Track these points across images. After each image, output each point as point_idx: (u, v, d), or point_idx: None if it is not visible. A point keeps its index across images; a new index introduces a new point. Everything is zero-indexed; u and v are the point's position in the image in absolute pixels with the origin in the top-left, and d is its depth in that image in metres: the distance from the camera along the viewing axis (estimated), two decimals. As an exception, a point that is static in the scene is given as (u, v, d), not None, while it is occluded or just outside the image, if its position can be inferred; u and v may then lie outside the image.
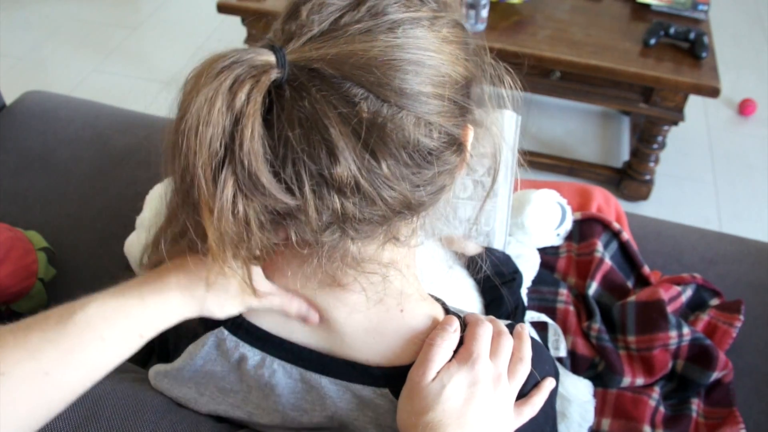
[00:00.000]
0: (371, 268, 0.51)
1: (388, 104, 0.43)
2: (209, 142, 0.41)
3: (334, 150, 0.42)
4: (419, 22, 0.45)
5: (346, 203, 0.44)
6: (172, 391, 0.62)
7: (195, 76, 0.43)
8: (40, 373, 0.46)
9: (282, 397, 0.57)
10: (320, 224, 0.45)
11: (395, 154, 0.44)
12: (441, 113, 0.46)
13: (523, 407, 0.56)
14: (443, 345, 0.53)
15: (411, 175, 0.46)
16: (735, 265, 1.08)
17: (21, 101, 1.36)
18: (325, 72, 0.42)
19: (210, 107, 0.41)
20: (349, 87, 0.42)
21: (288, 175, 0.43)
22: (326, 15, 0.44)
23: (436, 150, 0.46)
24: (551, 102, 2.27)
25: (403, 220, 0.50)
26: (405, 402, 0.52)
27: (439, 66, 0.45)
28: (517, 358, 0.56)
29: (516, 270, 0.88)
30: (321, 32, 0.44)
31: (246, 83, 0.41)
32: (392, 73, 0.43)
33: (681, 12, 1.74)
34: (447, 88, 0.46)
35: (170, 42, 2.55)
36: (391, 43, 0.43)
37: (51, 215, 1.15)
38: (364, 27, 0.44)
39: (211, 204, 0.42)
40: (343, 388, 0.55)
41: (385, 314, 0.55)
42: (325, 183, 0.43)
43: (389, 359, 0.55)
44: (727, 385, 0.92)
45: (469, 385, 0.52)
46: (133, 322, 0.50)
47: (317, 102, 0.42)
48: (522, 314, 0.87)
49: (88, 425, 0.57)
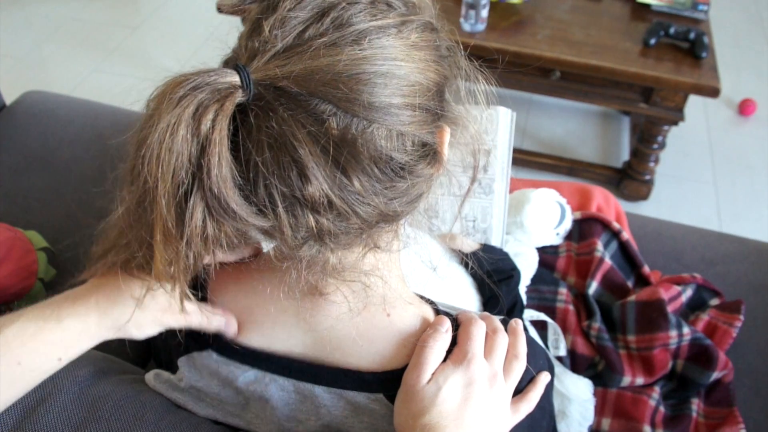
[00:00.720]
0: (352, 276, 0.51)
1: (357, 119, 0.42)
2: (173, 170, 0.40)
3: (304, 170, 0.41)
4: (386, 31, 0.44)
5: (321, 220, 0.43)
6: (170, 394, 0.62)
7: (155, 100, 0.41)
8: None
9: (277, 410, 0.57)
10: (297, 241, 0.45)
11: (367, 169, 0.43)
12: (413, 123, 0.45)
13: (520, 404, 0.56)
14: (436, 346, 0.52)
15: (384, 190, 0.45)
16: (735, 265, 1.08)
17: (21, 101, 1.36)
18: (290, 90, 0.41)
19: (173, 135, 0.39)
20: (316, 104, 0.41)
21: (260, 198, 0.42)
22: (289, 29, 0.43)
23: (409, 163, 0.46)
24: (551, 102, 2.27)
25: (381, 230, 0.49)
26: (401, 405, 0.52)
27: (409, 75, 0.44)
28: (512, 355, 0.56)
29: (514, 267, 0.88)
30: (285, 48, 0.42)
31: (210, 108, 0.40)
32: (360, 87, 0.42)
33: (681, 12, 1.74)
34: (418, 97, 0.45)
35: (170, 42, 2.55)
36: (357, 56, 0.42)
37: (51, 215, 1.15)
38: (329, 40, 0.42)
39: (174, 230, 0.41)
40: (337, 396, 0.55)
41: (371, 320, 0.54)
42: (298, 203, 0.42)
43: (381, 364, 0.54)
44: (727, 385, 0.92)
45: (465, 385, 0.52)
46: (51, 348, 0.50)
47: (285, 122, 0.41)
48: (520, 311, 0.87)
49: (88, 426, 0.57)
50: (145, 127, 0.41)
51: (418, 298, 0.58)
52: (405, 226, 0.52)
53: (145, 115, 0.42)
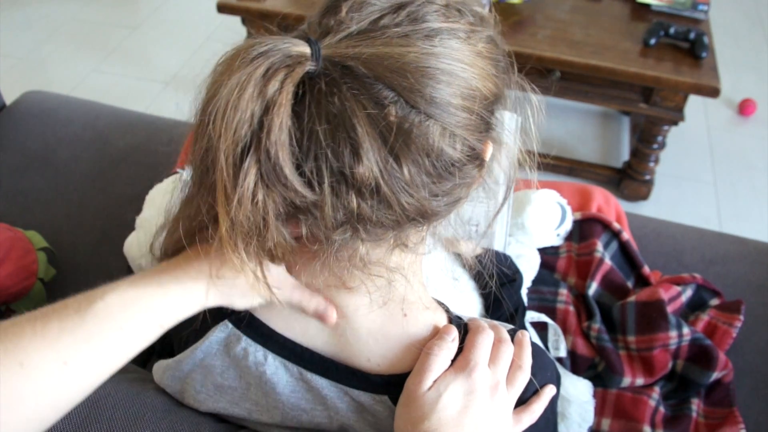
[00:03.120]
0: (377, 271, 0.51)
1: (417, 111, 0.43)
2: (236, 126, 0.41)
3: (358, 149, 0.42)
4: (456, 34, 0.46)
5: (362, 204, 0.44)
6: (173, 386, 0.62)
7: (228, 59, 0.43)
8: (59, 363, 0.46)
9: (282, 396, 0.57)
10: (334, 222, 0.45)
11: (418, 160, 0.44)
12: (467, 126, 0.46)
13: (522, 414, 0.56)
14: (440, 354, 0.53)
15: (431, 184, 0.46)
16: (735, 265, 1.08)
17: (21, 101, 1.36)
18: (358, 71, 0.42)
19: (241, 92, 0.40)
20: (380, 89, 0.42)
21: (309, 169, 0.43)
22: (366, 14, 0.44)
23: (459, 162, 0.47)
24: (551, 102, 2.27)
25: (414, 227, 0.49)
26: (402, 410, 0.52)
27: (471, 79, 0.45)
28: (517, 366, 0.56)
29: (516, 270, 0.88)
30: (359, 31, 0.44)
31: (280, 72, 0.41)
32: (425, 80, 0.43)
33: (681, 12, 1.74)
34: (476, 102, 0.46)
35: (170, 42, 2.55)
36: (427, 51, 0.43)
37: (51, 215, 1.15)
38: (402, 31, 0.44)
39: (230, 190, 0.42)
40: (342, 392, 0.55)
41: (389, 318, 0.54)
42: (345, 181, 0.43)
43: (389, 365, 0.54)
44: (727, 385, 0.92)
45: (466, 393, 0.52)
46: (154, 312, 0.50)
47: (347, 100, 0.42)
48: (522, 315, 0.87)
49: (89, 426, 0.57)
50: (215, 84, 0.42)
51: (435, 304, 0.58)
52: (435, 230, 0.53)
53: (214, 75, 0.43)
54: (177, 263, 0.53)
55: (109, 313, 0.48)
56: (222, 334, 0.58)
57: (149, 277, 0.51)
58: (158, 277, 0.51)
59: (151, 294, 0.50)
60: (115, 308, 0.48)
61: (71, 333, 0.47)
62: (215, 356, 0.59)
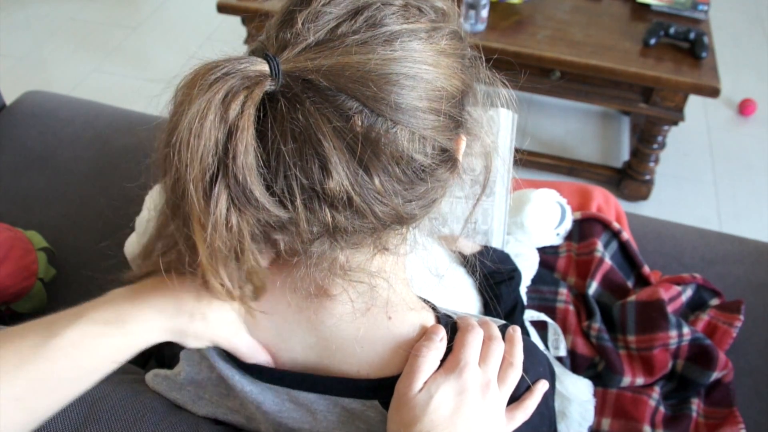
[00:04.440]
0: (359, 277, 0.51)
1: (383, 119, 0.42)
2: (201, 155, 0.40)
3: (327, 164, 0.41)
4: (417, 35, 0.44)
5: (337, 216, 0.44)
6: (170, 393, 0.62)
7: (186, 86, 0.42)
8: (12, 400, 0.46)
9: (270, 414, 0.56)
10: (310, 236, 0.45)
11: (388, 169, 0.43)
12: (436, 127, 0.45)
13: (515, 412, 0.56)
14: (429, 355, 0.52)
15: (403, 191, 0.45)
16: (735, 265, 1.08)
17: (21, 101, 1.36)
18: (319, 84, 0.41)
19: (202, 120, 0.40)
20: (343, 100, 0.41)
21: (279, 188, 0.42)
22: (322, 24, 0.43)
23: (429, 167, 0.46)
24: (551, 102, 2.27)
25: (393, 231, 0.49)
26: (394, 414, 0.52)
27: (436, 80, 0.45)
28: (508, 363, 0.56)
29: (514, 268, 0.88)
30: (317, 42, 0.43)
31: (239, 95, 0.40)
32: (388, 87, 0.42)
33: (681, 12, 1.74)
34: (443, 103, 0.45)
35: (170, 42, 2.55)
36: (388, 57, 0.42)
37: (51, 215, 1.15)
38: (361, 38, 0.43)
39: (203, 218, 0.41)
40: (332, 403, 0.55)
41: (373, 323, 0.54)
42: (317, 196, 0.43)
43: (377, 369, 0.54)
44: (727, 385, 0.92)
45: (457, 393, 0.51)
46: (112, 352, 0.50)
47: (311, 115, 0.41)
48: (521, 312, 0.87)
49: (89, 426, 0.57)
50: (176, 114, 0.41)
51: (421, 303, 0.58)
52: (413, 231, 0.52)
53: (175, 103, 0.42)
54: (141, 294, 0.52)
55: (66, 353, 0.48)
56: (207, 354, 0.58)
57: (111, 310, 0.50)
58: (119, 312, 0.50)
59: (111, 333, 0.50)
60: (72, 347, 0.48)
61: (26, 371, 0.46)
62: (208, 372, 0.59)
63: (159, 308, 0.51)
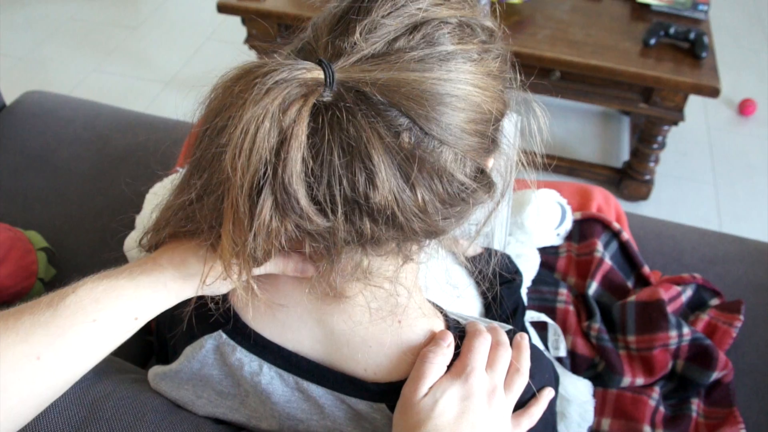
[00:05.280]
0: (378, 281, 0.51)
1: (431, 137, 0.42)
2: (254, 161, 0.40)
3: (374, 178, 0.41)
4: (470, 56, 0.45)
5: (375, 228, 0.44)
6: (170, 393, 0.62)
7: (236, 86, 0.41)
8: (31, 357, 0.45)
9: (278, 405, 0.56)
10: (344, 244, 0.45)
11: (431, 187, 0.44)
12: (477, 149, 0.46)
13: (521, 418, 0.56)
14: (435, 360, 0.52)
15: (443, 209, 0.45)
16: (735, 265, 1.08)
17: (21, 101, 1.36)
18: (373, 97, 0.41)
19: (258, 126, 0.39)
20: (395, 116, 0.41)
21: (323, 196, 0.42)
22: (380, 36, 0.43)
23: (471, 187, 0.46)
24: (551, 102, 2.27)
25: (419, 242, 0.50)
26: (399, 418, 0.52)
27: (483, 104, 0.45)
28: (515, 370, 0.56)
29: (516, 270, 0.88)
30: (373, 54, 0.43)
31: (296, 102, 0.40)
32: (441, 108, 0.42)
33: (681, 12, 1.74)
34: (488, 125, 0.46)
35: (170, 42, 2.55)
36: (443, 77, 0.43)
37: (51, 215, 1.15)
38: (418, 55, 0.43)
39: (246, 222, 0.41)
40: (339, 401, 0.55)
41: (383, 326, 0.54)
42: (358, 208, 0.43)
43: (385, 372, 0.54)
44: (727, 385, 0.92)
45: (462, 398, 0.51)
46: (126, 303, 0.49)
47: (362, 128, 0.41)
48: (522, 314, 0.87)
49: (89, 426, 0.57)
50: (225, 115, 0.41)
51: (432, 309, 0.58)
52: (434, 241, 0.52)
53: (221, 101, 0.42)
54: (151, 257, 0.52)
55: (81, 306, 0.47)
56: (216, 343, 0.58)
57: (122, 271, 0.51)
58: (130, 271, 0.51)
59: (122, 285, 0.49)
60: (86, 300, 0.48)
61: (44, 327, 0.46)
62: (212, 366, 0.59)
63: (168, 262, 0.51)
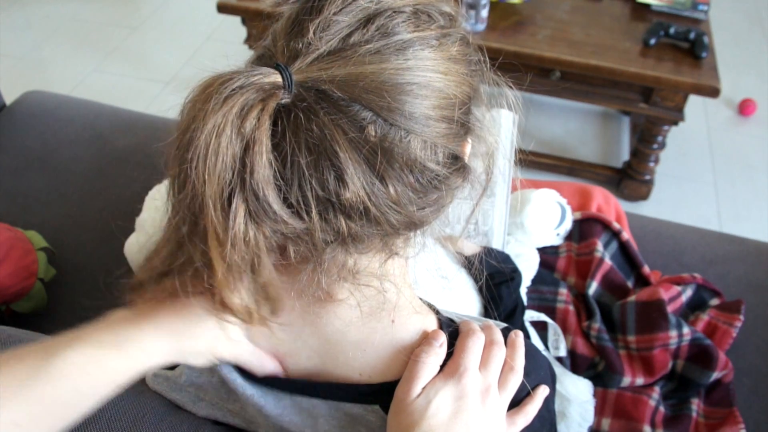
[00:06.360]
0: (366, 280, 0.51)
1: (396, 128, 0.42)
2: (219, 171, 0.39)
3: (343, 175, 0.41)
4: (428, 42, 0.44)
5: (351, 225, 0.44)
6: (170, 394, 0.62)
7: (198, 100, 0.41)
8: (11, 425, 0.45)
9: (271, 417, 0.56)
10: (324, 244, 0.45)
11: (402, 178, 0.43)
12: (447, 135, 0.45)
13: (516, 417, 0.55)
14: (428, 361, 0.52)
15: (417, 199, 0.45)
16: (735, 265, 1.08)
17: (21, 101, 1.36)
18: (333, 94, 0.41)
19: (219, 136, 0.39)
20: (357, 110, 0.41)
21: (295, 199, 0.42)
22: (334, 33, 0.43)
23: (442, 174, 0.46)
24: (551, 102, 2.27)
25: (402, 236, 0.49)
26: (392, 419, 0.51)
27: (447, 89, 0.45)
28: (509, 368, 0.55)
29: (515, 269, 0.88)
30: (329, 51, 0.42)
31: (255, 108, 0.40)
32: (402, 97, 0.42)
33: (681, 12, 1.74)
34: (454, 110, 0.45)
35: (170, 42, 2.55)
36: (401, 66, 0.42)
37: (51, 215, 1.15)
38: (374, 47, 0.42)
39: (222, 234, 0.41)
40: (334, 408, 0.55)
41: (377, 327, 0.54)
42: (332, 206, 0.43)
43: (379, 373, 0.54)
44: (727, 385, 0.92)
45: (456, 398, 0.51)
46: (111, 374, 0.49)
47: (326, 126, 0.41)
48: (521, 313, 0.87)
49: (88, 426, 0.57)
50: (189, 130, 0.41)
51: (425, 307, 0.58)
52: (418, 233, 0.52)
53: (186, 118, 0.41)
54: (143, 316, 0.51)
55: (66, 376, 0.47)
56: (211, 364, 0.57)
57: (112, 332, 0.50)
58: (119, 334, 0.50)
59: (111, 356, 0.49)
60: (72, 368, 0.47)
61: (26, 395, 0.45)
62: (209, 377, 0.59)
63: (160, 330, 0.50)
